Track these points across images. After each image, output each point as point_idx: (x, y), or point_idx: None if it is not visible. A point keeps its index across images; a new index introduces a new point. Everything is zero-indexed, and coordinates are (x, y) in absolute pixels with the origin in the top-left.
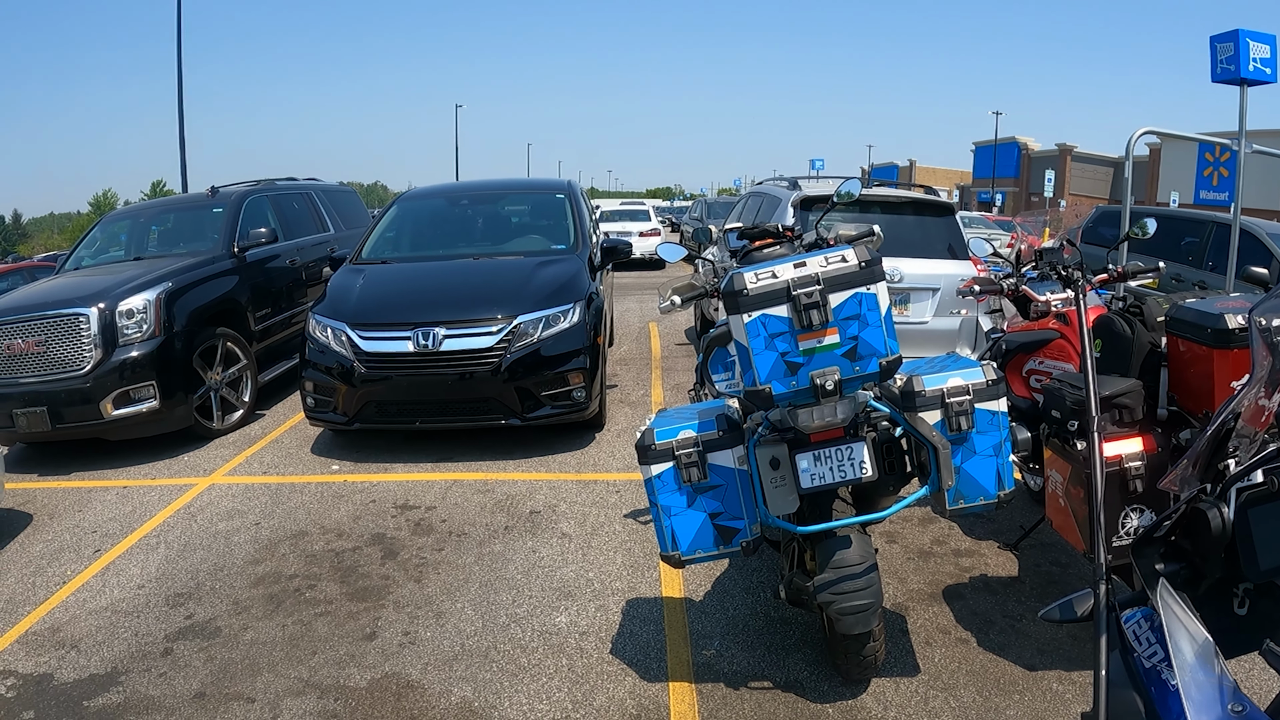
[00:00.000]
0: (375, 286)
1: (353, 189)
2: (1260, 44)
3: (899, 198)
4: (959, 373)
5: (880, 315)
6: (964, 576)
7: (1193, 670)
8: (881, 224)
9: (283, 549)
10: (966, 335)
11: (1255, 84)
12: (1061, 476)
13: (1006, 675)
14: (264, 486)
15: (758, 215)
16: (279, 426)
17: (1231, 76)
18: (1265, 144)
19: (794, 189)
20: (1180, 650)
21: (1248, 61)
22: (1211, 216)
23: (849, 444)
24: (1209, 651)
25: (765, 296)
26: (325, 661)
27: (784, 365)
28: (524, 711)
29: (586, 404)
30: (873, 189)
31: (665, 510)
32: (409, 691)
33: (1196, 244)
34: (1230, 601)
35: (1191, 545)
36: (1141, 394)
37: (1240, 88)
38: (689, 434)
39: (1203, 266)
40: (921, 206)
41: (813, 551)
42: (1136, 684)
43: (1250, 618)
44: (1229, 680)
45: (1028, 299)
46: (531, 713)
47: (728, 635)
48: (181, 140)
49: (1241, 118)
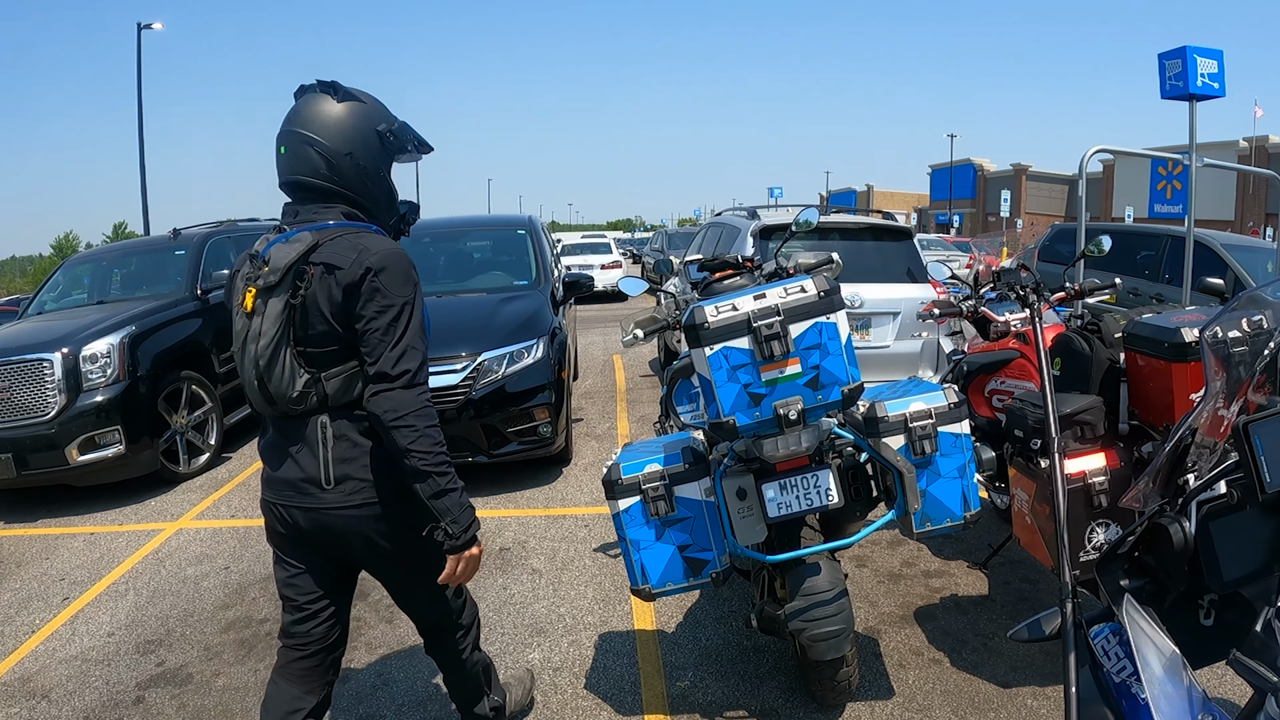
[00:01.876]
0: None
1: None
2: (1208, 59)
3: (857, 224)
4: (921, 397)
5: (841, 344)
6: (935, 597)
7: (1161, 683)
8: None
9: (253, 593)
10: (928, 358)
11: (1204, 99)
12: (1026, 494)
13: (981, 694)
14: (232, 530)
15: (718, 246)
16: (246, 469)
17: (1180, 92)
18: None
19: (753, 218)
20: (1148, 664)
21: (1196, 77)
22: (1166, 230)
23: (814, 472)
24: (1177, 664)
25: (726, 329)
26: None
27: (747, 396)
28: None
29: (553, 439)
30: (830, 216)
31: (634, 544)
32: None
33: (1152, 257)
34: (1196, 613)
35: (1155, 560)
36: (1102, 410)
37: (1189, 103)
38: (655, 468)
39: (1159, 280)
40: (880, 231)
41: (783, 579)
42: (1107, 699)
43: (1217, 628)
44: (1198, 691)
45: (987, 320)
46: None
47: (701, 666)
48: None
49: (1191, 132)
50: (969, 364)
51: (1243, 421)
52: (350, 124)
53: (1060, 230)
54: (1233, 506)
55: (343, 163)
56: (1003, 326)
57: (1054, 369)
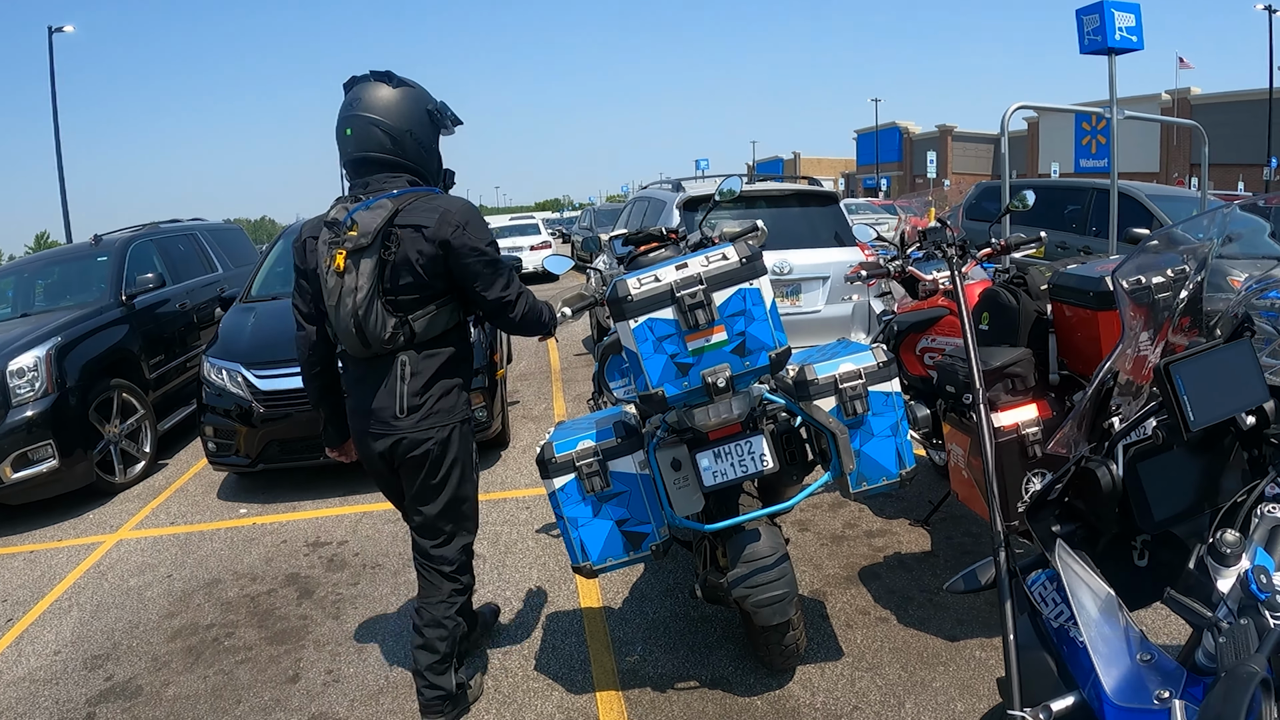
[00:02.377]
0: (268, 323)
1: (239, 226)
2: (1125, 13)
3: (782, 191)
4: (850, 358)
5: (765, 309)
6: (878, 556)
7: (1098, 625)
8: (767, 218)
9: (197, 599)
10: (860, 320)
11: (1123, 52)
12: (962, 449)
13: (929, 648)
14: (173, 537)
15: (644, 220)
16: (183, 475)
17: (1099, 47)
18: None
19: (678, 191)
20: (1084, 607)
21: (1114, 31)
22: (1090, 183)
23: (748, 438)
24: (1112, 605)
25: (650, 301)
26: (250, 709)
27: (674, 367)
28: None
29: (489, 423)
30: (755, 184)
31: (572, 522)
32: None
33: (1079, 211)
34: (1130, 555)
35: (1085, 505)
36: (1032, 362)
37: (1109, 57)
38: (588, 444)
39: (1086, 232)
40: (806, 198)
41: (724, 548)
42: (1046, 644)
43: (1151, 568)
44: (1135, 631)
45: (915, 279)
46: None
47: (649, 639)
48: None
49: (1112, 85)
50: (899, 324)
51: (1164, 363)
52: (408, 106)
53: (986, 188)
54: (1159, 447)
55: (404, 139)
56: (931, 285)
57: (982, 324)
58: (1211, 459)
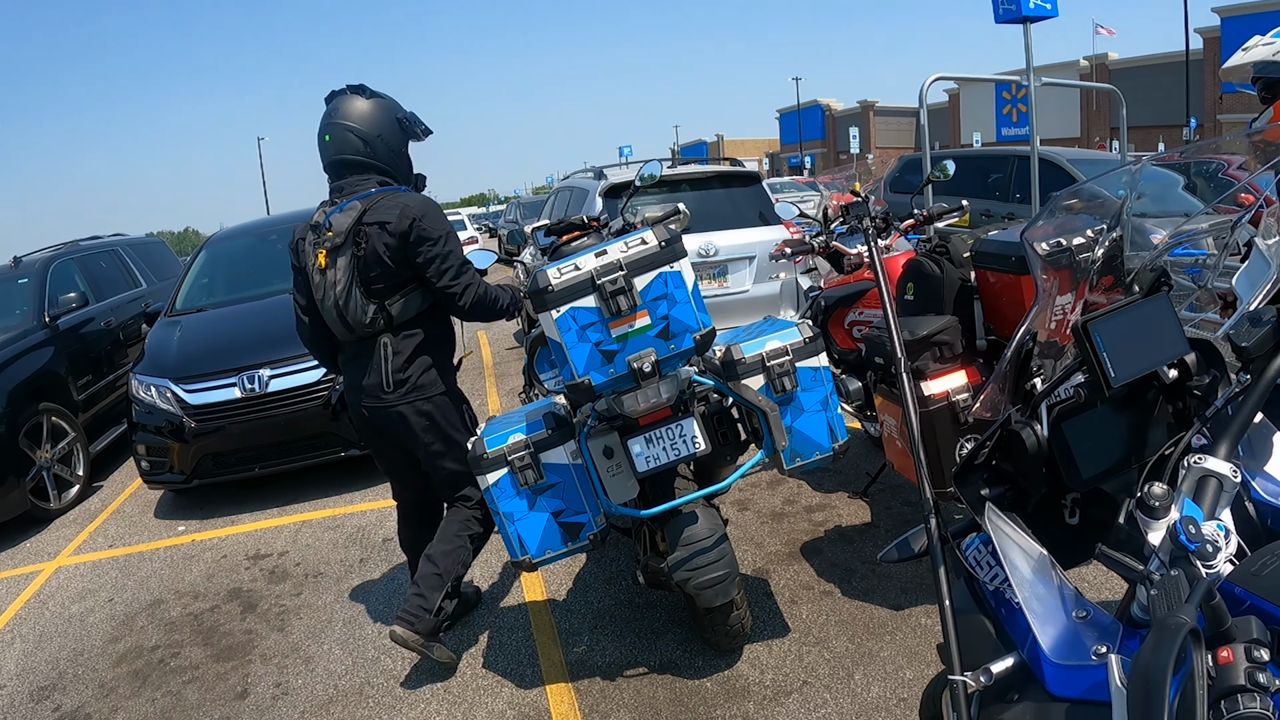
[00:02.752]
0: (194, 336)
1: (161, 239)
2: None
3: (704, 173)
4: (776, 335)
5: (688, 291)
6: (819, 531)
7: (1032, 585)
8: (691, 201)
9: (140, 621)
10: (788, 298)
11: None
12: (894, 420)
13: (875, 619)
14: (112, 560)
15: (567, 210)
16: (118, 496)
17: (1014, 15)
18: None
19: (600, 179)
20: (1016, 568)
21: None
22: (1012, 151)
23: (678, 421)
24: (1045, 565)
25: (571, 290)
26: None
27: (599, 354)
28: None
29: None
30: (677, 168)
31: (508, 517)
32: None
33: (1002, 179)
34: (1061, 514)
35: (1012, 466)
36: (959, 329)
37: (1024, 25)
38: (519, 437)
39: (1010, 199)
40: (728, 179)
41: (662, 532)
42: (984, 608)
43: (1083, 526)
44: (1069, 589)
45: (840, 254)
46: None
47: (596, 629)
48: None
49: (1028, 53)
50: (826, 299)
51: (1081, 321)
52: (379, 114)
53: (909, 161)
54: (1082, 405)
55: (375, 142)
56: (856, 259)
57: (907, 294)
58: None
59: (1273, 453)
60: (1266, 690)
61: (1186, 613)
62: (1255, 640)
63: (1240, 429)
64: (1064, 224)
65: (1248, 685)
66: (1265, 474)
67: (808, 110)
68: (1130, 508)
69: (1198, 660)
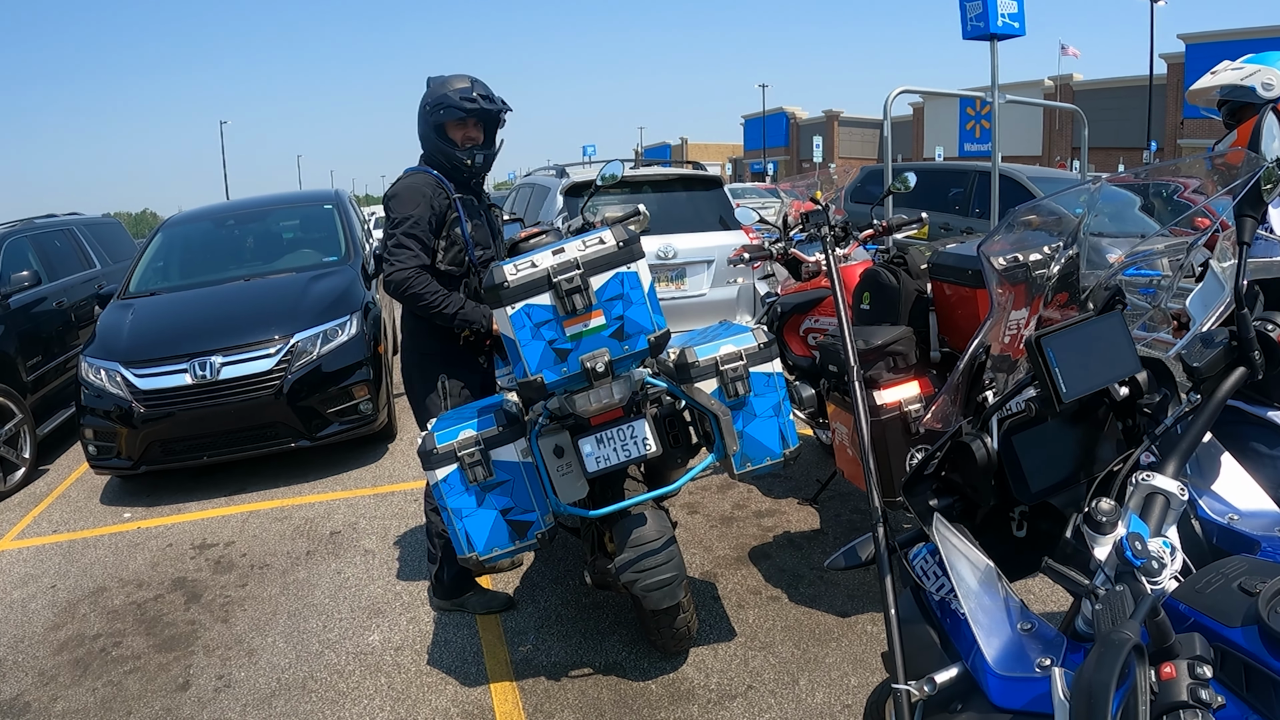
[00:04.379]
0: (146, 320)
1: (117, 220)
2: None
3: (667, 175)
4: (730, 340)
5: (644, 292)
6: (768, 536)
7: (978, 596)
8: (652, 202)
9: (83, 609)
10: (745, 303)
11: (1005, 38)
12: (846, 428)
13: (821, 625)
14: (55, 546)
15: (528, 206)
16: (65, 480)
17: (982, 32)
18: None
19: (562, 177)
20: (962, 579)
21: (996, 17)
22: (973, 166)
23: (630, 423)
24: (991, 576)
25: (526, 287)
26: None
27: (553, 353)
28: None
29: (375, 416)
30: (640, 169)
31: (456, 513)
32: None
33: (962, 193)
34: (1009, 526)
35: (961, 478)
36: (913, 340)
37: (991, 42)
38: (469, 433)
39: (969, 214)
40: (690, 182)
41: (610, 533)
42: (929, 617)
43: (1030, 539)
44: (1015, 601)
45: (798, 261)
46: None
47: (542, 629)
48: None
49: (994, 71)
50: (783, 305)
51: (1034, 336)
52: (421, 104)
53: (870, 172)
54: (1033, 420)
55: (420, 129)
56: (814, 266)
57: (864, 303)
58: (1086, 430)
59: (1220, 472)
60: (1209, 707)
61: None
62: (1198, 657)
63: (1189, 448)
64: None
65: (1190, 701)
66: (1212, 493)
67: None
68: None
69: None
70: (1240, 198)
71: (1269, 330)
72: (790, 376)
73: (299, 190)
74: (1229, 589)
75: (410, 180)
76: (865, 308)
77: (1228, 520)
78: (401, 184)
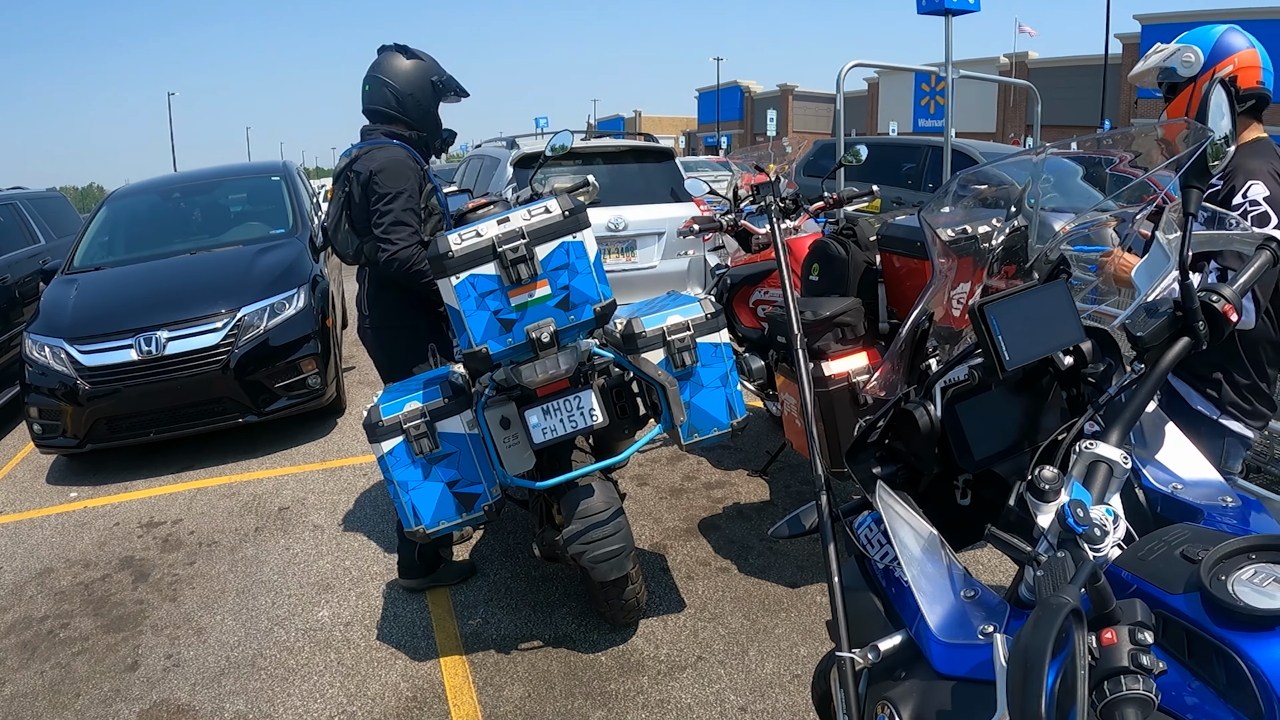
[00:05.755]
0: (90, 296)
1: (62, 194)
2: None
3: (618, 147)
4: (677, 310)
5: (589, 262)
6: (718, 508)
7: (920, 564)
8: (604, 174)
9: (29, 590)
10: (695, 275)
11: (960, 13)
12: (794, 399)
13: (771, 596)
14: (1, 528)
15: (478, 177)
16: (10, 460)
17: (936, 7)
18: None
19: (512, 148)
20: (905, 546)
21: None
22: (926, 141)
23: (576, 393)
24: (935, 544)
25: (471, 257)
26: (91, 702)
27: (498, 323)
28: (299, 714)
29: (323, 390)
30: (589, 141)
31: (402, 486)
32: (181, 716)
33: (915, 168)
34: (952, 494)
35: (905, 445)
36: (861, 311)
37: (945, 18)
38: (415, 405)
39: (922, 188)
40: (642, 154)
41: (558, 505)
42: (874, 585)
43: (973, 508)
44: (958, 568)
45: (748, 233)
46: (307, 714)
47: (491, 602)
48: None
49: (948, 46)
50: (732, 276)
51: (977, 304)
52: (415, 75)
53: (823, 146)
54: (976, 387)
55: (407, 100)
56: (764, 238)
57: (812, 274)
58: (1030, 398)
59: (1164, 442)
60: (1150, 672)
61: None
62: (1140, 623)
63: (1133, 416)
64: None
65: (1130, 666)
66: (1156, 462)
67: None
68: (1020, 490)
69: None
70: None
71: (1213, 301)
72: (740, 348)
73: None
74: (1171, 556)
75: (392, 153)
76: (814, 279)
77: (1171, 489)
78: (385, 157)
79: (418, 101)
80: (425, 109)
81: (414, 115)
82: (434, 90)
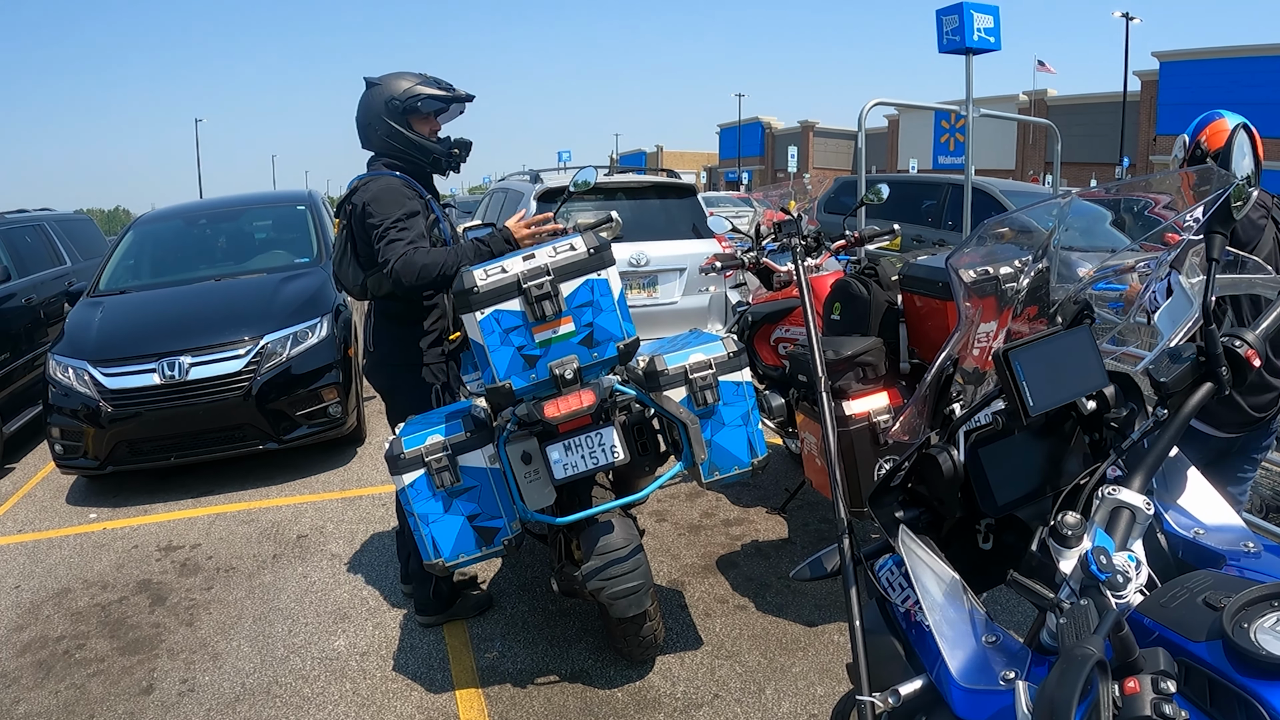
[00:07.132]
0: (115, 319)
1: (89, 217)
2: (984, 15)
3: (641, 183)
4: (700, 348)
5: (614, 299)
6: (736, 545)
7: (943, 609)
8: (626, 210)
9: (46, 610)
10: (717, 311)
11: (980, 52)
12: (815, 437)
13: (788, 634)
14: (20, 546)
15: (501, 211)
16: (31, 479)
17: (958, 46)
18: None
19: (536, 182)
20: (927, 590)
21: (972, 32)
22: (947, 179)
23: (598, 430)
24: (957, 589)
25: (496, 292)
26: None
27: (521, 359)
28: None
29: (343, 419)
30: (614, 176)
31: (423, 519)
32: None
33: (935, 206)
34: (975, 538)
35: (928, 490)
36: (883, 351)
37: (967, 57)
38: (437, 438)
39: (942, 226)
40: (664, 190)
41: (578, 540)
42: (894, 629)
43: (995, 552)
44: (980, 613)
45: (769, 270)
46: None
47: (508, 635)
48: None
49: (969, 84)
50: (754, 314)
51: (1002, 349)
52: (367, 104)
53: (844, 183)
54: (1000, 433)
55: (366, 130)
56: (785, 276)
57: (834, 314)
58: (1053, 443)
59: (1186, 487)
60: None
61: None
62: (1162, 672)
63: (1155, 462)
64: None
65: (1153, 716)
66: (1178, 507)
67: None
68: (1043, 535)
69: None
70: (1210, 215)
71: (1236, 346)
72: (760, 386)
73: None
74: (1194, 603)
75: (385, 183)
76: (836, 318)
77: (1193, 534)
78: (377, 187)
79: (377, 130)
80: (390, 132)
81: (378, 145)
82: (394, 110)
